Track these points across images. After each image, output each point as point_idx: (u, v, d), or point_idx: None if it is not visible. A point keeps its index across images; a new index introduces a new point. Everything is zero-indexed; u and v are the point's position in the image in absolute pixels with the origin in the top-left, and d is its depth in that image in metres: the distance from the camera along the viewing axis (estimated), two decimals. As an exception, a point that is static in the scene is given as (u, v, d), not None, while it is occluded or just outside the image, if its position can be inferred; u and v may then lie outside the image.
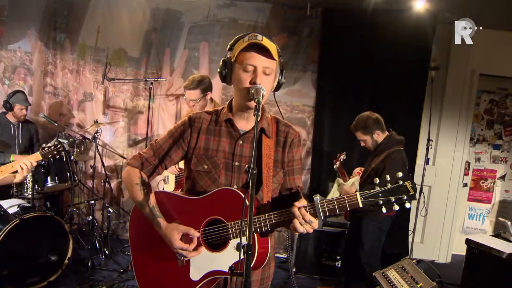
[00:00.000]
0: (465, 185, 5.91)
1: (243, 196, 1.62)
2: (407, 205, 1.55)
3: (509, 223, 4.41)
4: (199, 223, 1.77)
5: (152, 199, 1.84)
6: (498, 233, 4.58)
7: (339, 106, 5.29)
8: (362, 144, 3.90)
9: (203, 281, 1.76)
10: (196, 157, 1.84)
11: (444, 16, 5.12)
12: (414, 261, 2.90)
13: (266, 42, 1.70)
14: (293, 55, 5.34)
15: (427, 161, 5.02)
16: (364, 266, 3.72)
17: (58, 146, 3.55)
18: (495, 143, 6.02)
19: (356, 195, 1.56)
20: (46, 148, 3.52)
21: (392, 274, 2.78)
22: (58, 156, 3.56)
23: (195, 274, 1.76)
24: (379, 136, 3.79)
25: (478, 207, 6.09)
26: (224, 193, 1.73)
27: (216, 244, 1.75)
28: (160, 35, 5.49)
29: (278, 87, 1.85)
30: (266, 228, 1.67)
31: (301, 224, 1.61)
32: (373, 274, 2.98)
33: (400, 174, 1.54)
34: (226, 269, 1.66)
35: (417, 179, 5.02)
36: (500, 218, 4.80)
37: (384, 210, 1.56)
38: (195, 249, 1.76)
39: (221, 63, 1.81)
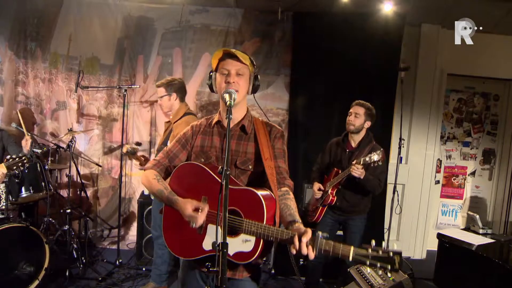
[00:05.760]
0: (437, 182, 6.06)
1: (263, 202, 1.89)
2: (389, 274, 1.79)
3: (477, 216, 4.57)
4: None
5: (168, 187, 2.17)
6: (468, 226, 4.73)
7: (312, 109, 5.38)
8: (351, 119, 3.85)
9: (210, 253, 2.01)
10: (195, 154, 2.23)
11: (412, 18, 5.27)
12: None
13: (237, 52, 2.07)
14: (266, 59, 5.41)
15: (400, 160, 5.13)
16: (351, 265, 3.68)
17: (23, 158, 3.54)
18: (464, 141, 6.20)
19: (350, 249, 1.72)
20: (10, 160, 3.52)
21: (366, 269, 2.85)
22: (22, 168, 3.57)
23: (207, 245, 2.03)
24: (364, 128, 3.87)
25: (451, 203, 6.26)
26: (248, 193, 1.96)
27: (230, 229, 1.93)
28: (133, 42, 5.49)
29: (255, 89, 2.22)
30: (271, 239, 1.87)
31: (296, 252, 1.80)
32: (348, 270, 3.04)
33: (395, 247, 1.71)
34: (230, 253, 1.92)
35: (390, 177, 5.13)
36: (469, 212, 4.96)
37: (368, 270, 1.77)
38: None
39: (208, 76, 2.22)
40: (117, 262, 4.74)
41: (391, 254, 1.67)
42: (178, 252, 2.16)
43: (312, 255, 1.76)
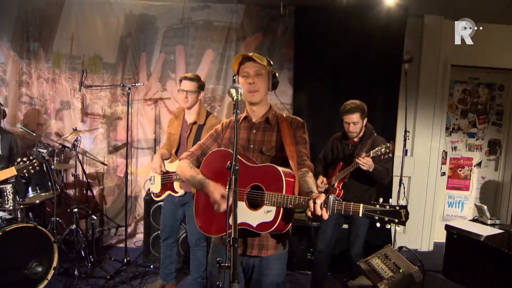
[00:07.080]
0: (443, 174, 6.05)
1: (283, 175, 2.08)
2: (397, 228, 1.94)
3: (485, 207, 4.55)
4: (246, 185, 2.22)
5: (199, 172, 2.40)
6: (476, 217, 4.72)
7: (316, 103, 5.37)
8: (352, 128, 3.75)
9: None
10: (224, 145, 2.47)
11: (414, 9, 5.25)
12: (395, 248, 2.98)
13: (254, 55, 2.33)
14: (269, 54, 5.28)
15: (405, 152, 5.12)
16: (356, 258, 3.64)
17: (33, 161, 3.57)
18: (469, 132, 6.18)
19: (360, 206, 1.89)
20: (21, 163, 3.55)
21: (376, 261, 2.84)
22: (32, 171, 3.60)
23: None
24: (364, 124, 3.81)
25: (457, 195, 6.25)
26: (269, 168, 2.17)
27: (254, 204, 2.17)
28: (135, 40, 5.49)
29: (275, 85, 2.46)
30: (290, 206, 2.04)
31: (312, 214, 1.97)
32: (357, 263, 3.04)
33: (400, 202, 1.79)
34: (254, 224, 2.11)
35: (396, 170, 5.12)
36: (476, 203, 4.94)
37: (378, 224, 1.90)
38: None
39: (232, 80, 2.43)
40: (125, 260, 4.75)
41: (397, 208, 1.87)
42: (209, 231, 2.36)
43: (326, 215, 1.92)
